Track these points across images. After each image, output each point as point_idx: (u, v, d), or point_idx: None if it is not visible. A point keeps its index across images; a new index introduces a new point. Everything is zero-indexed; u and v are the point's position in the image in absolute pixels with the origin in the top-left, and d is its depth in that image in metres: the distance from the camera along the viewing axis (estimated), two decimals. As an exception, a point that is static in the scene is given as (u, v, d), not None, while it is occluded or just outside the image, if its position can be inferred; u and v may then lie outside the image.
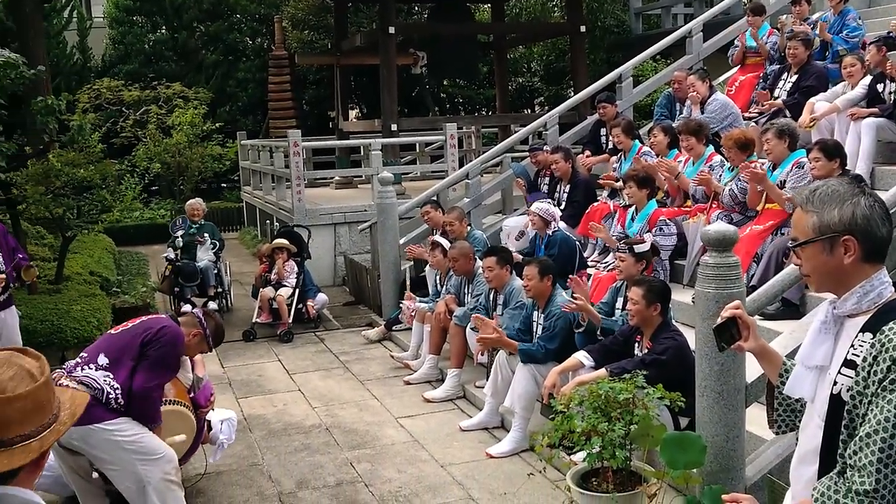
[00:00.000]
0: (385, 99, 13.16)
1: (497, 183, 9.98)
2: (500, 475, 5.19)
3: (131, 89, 18.33)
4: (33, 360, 1.73)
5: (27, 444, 1.66)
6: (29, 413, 1.66)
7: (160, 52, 22.23)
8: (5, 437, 1.63)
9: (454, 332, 6.74)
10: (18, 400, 1.64)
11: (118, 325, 4.58)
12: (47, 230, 11.00)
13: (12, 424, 1.64)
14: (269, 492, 5.13)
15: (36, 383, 1.68)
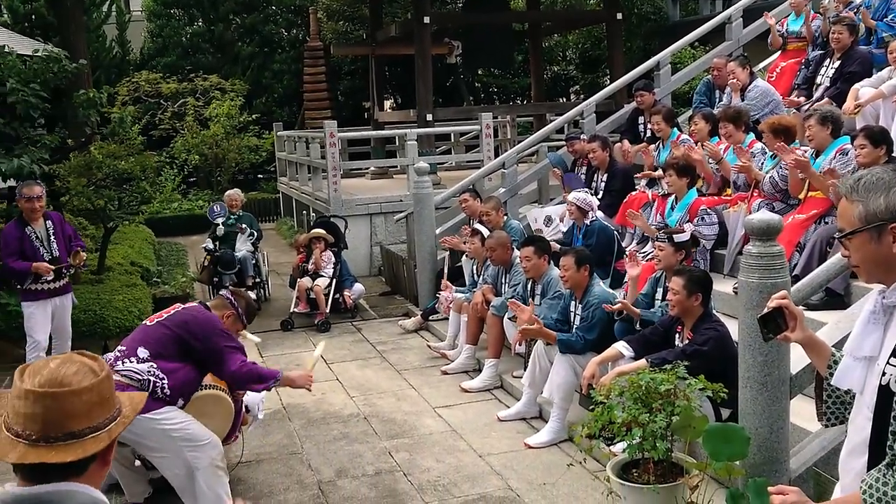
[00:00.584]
0: (420, 89, 13.14)
1: (533, 172, 9.93)
2: (538, 465, 5.18)
3: (169, 82, 18.57)
4: (91, 360, 1.78)
5: (96, 435, 1.70)
6: (95, 406, 1.71)
7: (197, 45, 22.44)
8: (76, 428, 1.67)
9: (491, 322, 6.73)
10: (84, 392, 1.69)
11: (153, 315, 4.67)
12: (89, 221, 11.16)
13: (80, 416, 1.68)
14: (309, 480, 5.17)
15: (98, 377, 1.73)
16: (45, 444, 1.65)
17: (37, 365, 1.73)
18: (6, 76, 7.64)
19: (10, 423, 1.68)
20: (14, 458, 1.64)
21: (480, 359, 6.99)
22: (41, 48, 8.30)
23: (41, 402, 1.65)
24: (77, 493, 1.68)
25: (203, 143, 17.71)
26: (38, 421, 1.65)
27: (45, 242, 6.72)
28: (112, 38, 22.40)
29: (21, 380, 1.69)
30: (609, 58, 15.27)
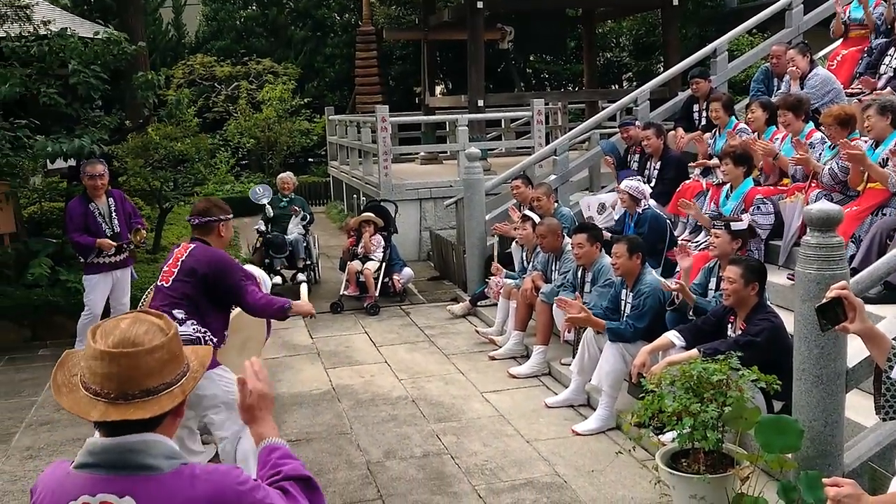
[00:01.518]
0: (472, 74, 13.11)
1: (585, 160, 9.86)
2: (586, 453, 5.17)
3: (223, 65, 18.79)
4: (158, 318, 1.85)
5: (170, 391, 1.79)
6: (167, 363, 1.79)
7: (251, 29, 22.66)
8: (150, 385, 1.76)
9: (540, 308, 6.72)
10: (156, 350, 1.76)
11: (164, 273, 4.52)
12: (145, 202, 11.38)
13: (154, 374, 1.76)
14: (358, 460, 5.23)
15: (168, 335, 1.80)
16: (123, 401, 1.73)
17: (108, 325, 1.80)
18: (68, 58, 7.83)
19: (88, 382, 1.76)
20: (97, 416, 1.73)
21: (528, 345, 7.00)
22: (101, 31, 8.47)
23: (116, 361, 1.73)
24: (157, 442, 1.77)
25: (255, 127, 17.92)
26: (115, 380, 1.73)
27: (107, 218, 7.02)
28: (168, 21, 22.77)
29: (94, 341, 1.76)
30: (664, 44, 15.05)
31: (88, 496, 1.72)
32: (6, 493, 4.95)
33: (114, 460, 1.74)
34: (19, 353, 7.80)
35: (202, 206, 4.66)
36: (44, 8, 13.87)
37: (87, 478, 1.74)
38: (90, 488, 1.72)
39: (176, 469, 1.76)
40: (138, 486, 1.72)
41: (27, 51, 7.84)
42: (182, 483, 1.74)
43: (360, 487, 4.86)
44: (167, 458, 1.76)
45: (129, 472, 1.73)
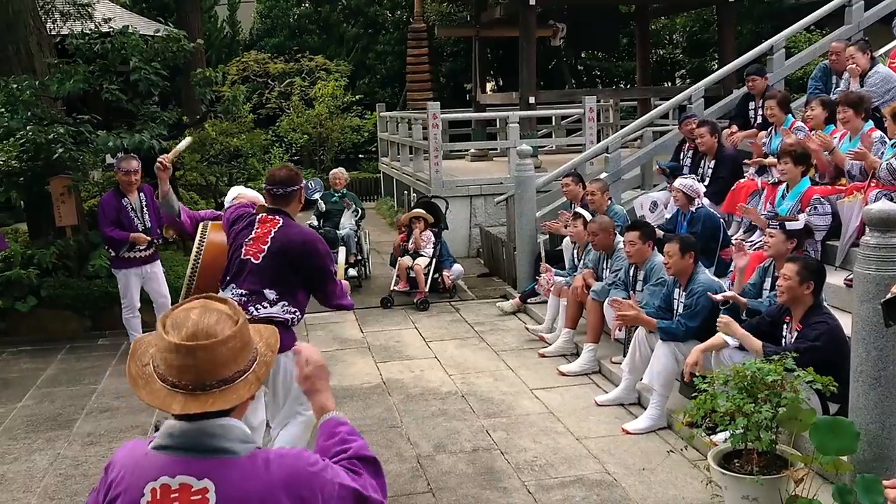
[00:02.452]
0: (523, 71, 13.08)
1: (637, 158, 9.79)
2: (636, 451, 5.16)
3: (276, 62, 19.03)
4: (224, 304, 1.87)
5: (245, 378, 1.81)
6: (239, 351, 1.81)
7: (304, 26, 22.90)
8: (226, 375, 1.78)
9: (591, 306, 6.70)
10: (229, 340, 1.78)
11: (250, 246, 4.21)
12: (200, 196, 11.61)
13: (229, 363, 1.79)
14: (408, 454, 5.29)
15: (238, 324, 1.82)
16: (201, 391, 1.76)
17: (178, 316, 1.81)
18: (130, 55, 8.02)
19: (164, 374, 1.79)
20: (178, 409, 1.76)
21: (579, 343, 6.99)
22: (161, 28, 8.65)
23: (192, 354, 1.75)
24: (234, 427, 1.81)
25: (308, 123, 18.12)
26: (192, 372, 1.76)
27: (139, 213, 7.15)
28: (223, 18, 23.11)
29: (166, 332, 1.78)
30: (719, 41, 14.84)
31: (168, 477, 1.75)
32: (69, 478, 5.11)
33: (192, 443, 1.78)
34: (80, 342, 8.03)
35: (284, 174, 4.29)
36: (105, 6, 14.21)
37: (165, 459, 1.78)
38: (169, 469, 1.76)
39: (251, 453, 1.80)
40: (216, 470, 1.76)
41: (91, 48, 8.04)
42: (257, 467, 1.78)
43: (411, 480, 4.92)
44: (242, 441, 1.81)
45: (207, 454, 1.77)
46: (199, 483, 1.74)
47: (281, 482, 1.78)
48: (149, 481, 1.76)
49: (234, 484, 1.75)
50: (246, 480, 1.76)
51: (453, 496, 4.70)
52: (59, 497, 4.85)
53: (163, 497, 1.75)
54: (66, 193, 8.24)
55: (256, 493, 1.75)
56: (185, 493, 1.74)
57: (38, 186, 8.38)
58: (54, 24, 10.06)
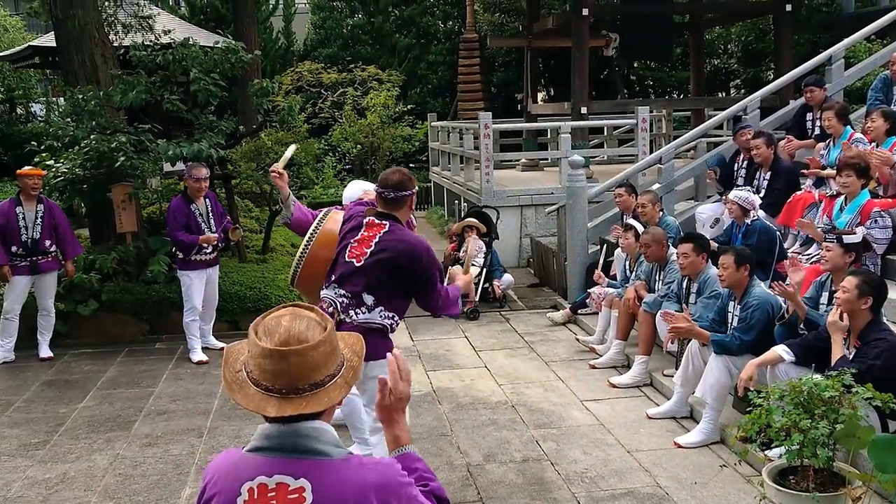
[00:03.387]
0: (575, 81, 13.07)
1: (690, 169, 9.69)
2: (688, 465, 5.11)
3: (329, 72, 19.28)
4: (312, 312, 1.94)
5: (335, 382, 1.89)
6: (328, 355, 1.89)
7: (357, 36, 23.18)
8: (318, 379, 1.86)
9: (643, 318, 6.66)
10: (320, 345, 1.86)
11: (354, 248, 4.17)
12: (254, 204, 11.80)
13: (321, 367, 1.87)
14: (458, 462, 5.31)
15: (326, 329, 1.90)
16: (295, 395, 1.84)
17: (269, 324, 1.89)
18: (190, 66, 8.21)
19: (259, 379, 1.86)
20: (273, 412, 1.83)
21: (630, 355, 6.95)
22: (221, 40, 8.85)
23: (286, 359, 1.83)
24: (326, 430, 1.89)
25: (360, 132, 18.30)
26: (285, 376, 1.83)
27: (205, 218, 7.60)
28: (278, 29, 23.51)
29: (259, 339, 1.86)
30: (775, 51, 14.67)
31: (265, 476, 1.82)
32: (127, 478, 5.24)
33: (288, 444, 1.85)
34: (138, 345, 8.22)
35: (396, 178, 4.17)
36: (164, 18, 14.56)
37: (262, 460, 1.85)
38: (266, 469, 1.83)
39: (345, 457, 1.87)
40: (312, 470, 1.83)
41: (153, 59, 8.25)
42: (351, 470, 1.85)
43: (461, 489, 4.94)
44: (335, 445, 1.88)
45: (303, 455, 1.84)
46: (296, 482, 1.81)
47: (373, 485, 1.83)
48: (245, 481, 1.83)
49: (330, 484, 1.82)
50: (341, 481, 1.83)
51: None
52: (119, 496, 4.98)
53: (260, 496, 1.82)
54: (126, 201, 8.45)
55: (350, 494, 1.82)
56: (283, 492, 1.81)
57: (100, 194, 8.61)
58: (116, 36, 10.34)
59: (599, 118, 14.27)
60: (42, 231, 7.70)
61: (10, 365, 7.65)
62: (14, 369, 7.55)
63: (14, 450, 5.72)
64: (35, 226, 7.68)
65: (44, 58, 15.49)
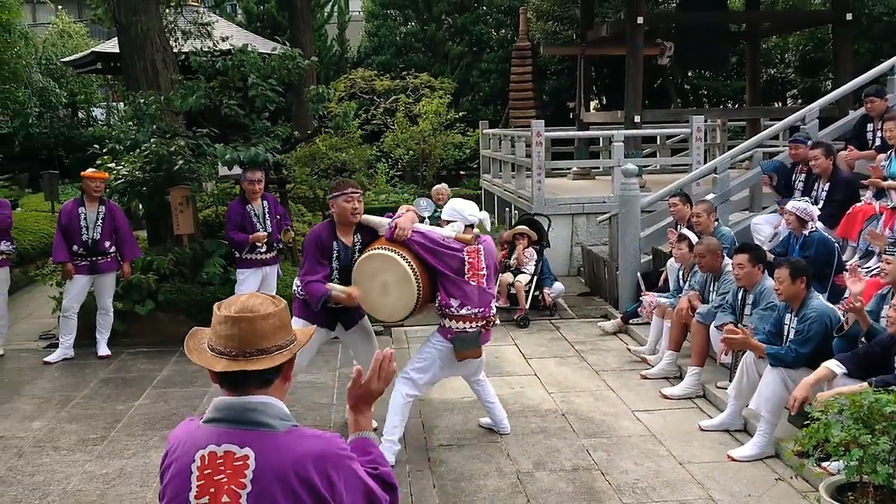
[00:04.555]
0: (629, 90, 12.99)
1: (746, 179, 9.56)
2: (742, 479, 5.04)
3: (382, 79, 19.42)
4: (269, 297, 2.19)
5: (280, 352, 2.10)
6: (278, 329, 2.11)
7: (410, 44, 23.33)
8: (265, 346, 2.08)
9: (696, 329, 6.59)
10: (270, 317, 2.09)
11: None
12: (307, 208, 11.94)
13: (269, 336, 2.08)
14: (508, 469, 5.30)
15: (279, 307, 2.14)
16: (242, 357, 2.06)
17: (230, 299, 2.16)
18: (248, 72, 8.35)
19: (213, 343, 2.10)
20: (220, 368, 2.05)
21: (682, 366, 6.87)
22: (278, 47, 8.99)
23: (237, 324, 2.06)
24: (272, 404, 2.08)
25: (411, 139, 18.42)
26: (236, 339, 2.06)
27: (261, 219, 7.88)
28: (332, 37, 23.78)
29: (219, 309, 2.11)
30: (834, 61, 14.41)
31: (214, 445, 2.02)
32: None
33: (236, 416, 2.05)
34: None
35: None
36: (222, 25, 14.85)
37: (213, 430, 2.05)
38: (216, 439, 2.03)
39: (288, 429, 2.05)
40: (257, 440, 2.01)
41: (212, 65, 8.42)
42: (292, 441, 2.03)
43: (510, 496, 4.93)
44: (280, 419, 2.06)
45: (249, 427, 2.03)
46: (241, 451, 2.00)
47: (311, 456, 2.01)
48: (199, 449, 2.03)
49: (271, 453, 2.00)
50: (281, 451, 2.01)
51: (553, 514, 4.69)
52: (174, 493, 5.06)
53: (210, 462, 2.01)
54: (184, 203, 8.62)
55: (289, 463, 1.99)
56: (229, 459, 2.00)
57: (158, 196, 8.80)
58: (176, 43, 10.57)
59: (653, 127, 14.16)
60: (102, 232, 7.90)
61: (70, 362, 7.86)
62: (73, 366, 7.75)
63: (73, 444, 5.87)
64: (96, 226, 7.88)
65: (106, 63, 15.91)
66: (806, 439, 4.10)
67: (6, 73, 13.03)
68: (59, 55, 20.58)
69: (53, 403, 6.75)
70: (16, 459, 5.62)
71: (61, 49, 21.52)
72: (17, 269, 11.23)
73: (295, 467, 1.99)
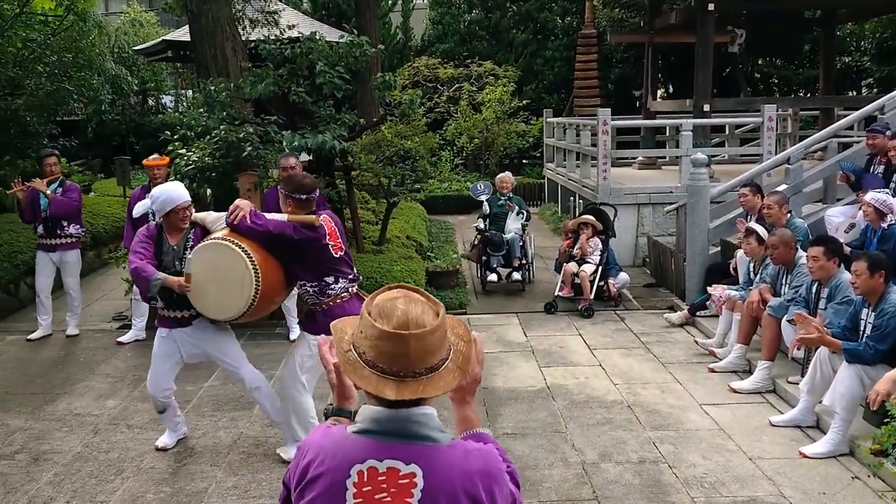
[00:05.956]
0: (698, 78, 12.73)
1: (820, 170, 9.30)
2: (814, 476, 4.91)
3: (446, 67, 19.40)
4: (421, 295, 1.93)
5: (446, 366, 1.88)
6: (442, 340, 1.88)
7: (474, 32, 23.23)
8: (433, 363, 1.85)
9: (767, 322, 6.44)
10: (437, 330, 1.85)
11: None
12: (371, 196, 12.01)
13: (436, 352, 1.85)
14: (573, 460, 5.27)
15: (439, 315, 1.87)
16: (412, 378, 1.83)
17: (385, 306, 1.86)
18: (316, 59, 8.41)
19: (374, 360, 1.84)
20: (392, 395, 1.81)
21: (751, 360, 6.73)
22: (346, 35, 9.03)
23: (405, 342, 1.81)
24: (433, 416, 1.89)
25: (474, 127, 18.37)
26: (404, 359, 1.81)
27: None
28: (396, 25, 23.82)
29: (374, 320, 1.83)
30: (914, 48, 13.88)
31: (375, 460, 1.81)
32: (251, 455, 5.43)
33: (398, 429, 1.84)
34: (260, 329, 8.47)
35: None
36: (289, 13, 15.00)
37: (371, 443, 1.84)
38: (376, 453, 1.82)
39: (451, 443, 1.87)
40: (422, 456, 1.82)
41: (281, 53, 8.50)
42: (458, 456, 1.85)
43: (576, 486, 4.90)
44: (441, 431, 1.87)
45: (413, 441, 1.84)
46: (407, 468, 1.80)
47: (478, 472, 1.83)
48: (355, 463, 1.82)
49: (439, 470, 1.81)
50: (449, 468, 1.82)
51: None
52: (242, 473, 5.17)
53: (370, 479, 1.81)
54: (251, 189, 8.72)
55: (458, 480, 1.81)
56: (393, 476, 1.80)
57: (227, 182, 8.92)
58: (244, 31, 10.71)
59: (722, 116, 13.87)
60: None
61: (142, 343, 8.05)
62: (145, 347, 7.92)
63: (145, 423, 6.02)
64: None
65: (176, 51, 16.22)
66: (885, 437, 3.99)
67: (82, 61, 13.35)
68: (131, 44, 21.05)
69: (126, 383, 6.93)
70: (91, 436, 5.79)
71: (133, 38, 22.00)
72: (91, 251, 11.57)
73: (464, 484, 1.81)
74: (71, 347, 8.05)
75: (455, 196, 17.28)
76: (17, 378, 7.11)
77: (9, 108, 12.47)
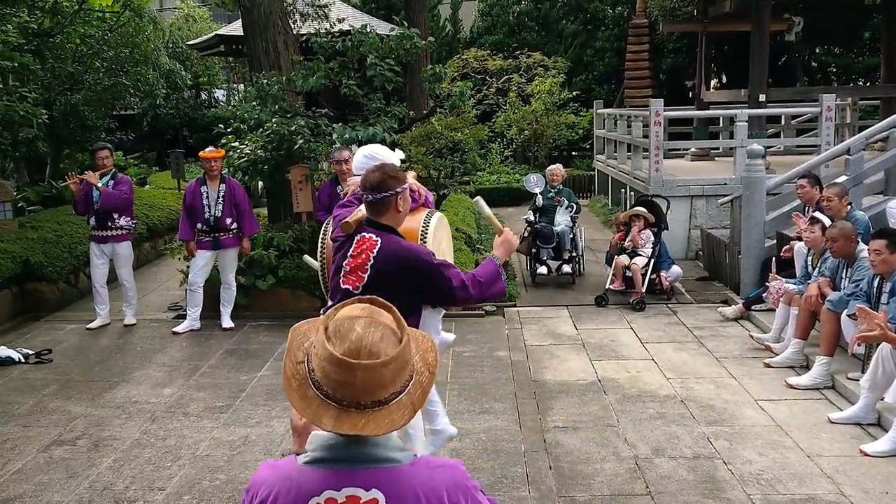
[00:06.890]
0: (754, 68, 12.49)
1: (881, 161, 9.05)
2: (876, 475, 4.79)
3: (495, 59, 19.34)
4: (390, 315, 1.76)
5: (398, 400, 1.72)
6: (398, 371, 1.71)
7: (523, 23, 23.11)
8: (383, 396, 1.69)
9: (827, 317, 6.29)
10: (392, 362, 1.68)
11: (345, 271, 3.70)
12: (420, 187, 12.02)
13: (387, 385, 1.69)
14: (625, 454, 5.21)
15: (401, 343, 1.71)
16: (355, 409, 1.68)
17: (342, 326, 1.71)
18: (367, 52, 8.44)
19: (320, 382, 1.70)
20: (329, 426, 1.68)
21: (809, 355, 6.59)
22: (396, 28, 9.05)
23: (352, 371, 1.66)
24: (391, 435, 1.75)
25: (524, 119, 18.28)
26: (349, 388, 1.67)
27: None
28: (445, 17, 23.81)
29: (327, 339, 1.68)
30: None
31: (333, 491, 1.68)
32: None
33: (354, 454, 1.72)
34: (310, 320, 8.58)
35: (376, 177, 3.58)
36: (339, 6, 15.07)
37: (325, 473, 1.71)
38: (333, 483, 1.69)
39: (412, 461, 1.75)
40: (383, 480, 1.70)
41: (332, 46, 8.55)
42: (423, 474, 1.73)
43: (628, 481, 4.85)
44: (400, 450, 1.76)
45: (371, 464, 1.71)
46: (368, 494, 1.68)
47: (444, 487, 1.73)
48: (311, 496, 1.68)
49: (402, 491, 1.70)
50: (412, 487, 1.71)
51: (674, 501, 4.58)
52: (295, 463, 5.21)
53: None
54: (303, 181, 8.82)
55: (424, 498, 1.70)
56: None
57: (279, 174, 9.02)
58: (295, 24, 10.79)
59: (778, 106, 13.59)
60: (224, 209, 8.16)
61: (197, 333, 8.19)
62: (200, 337, 8.08)
63: (201, 411, 6.12)
64: (217, 204, 8.15)
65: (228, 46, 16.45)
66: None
67: (137, 56, 13.62)
68: (185, 39, 21.39)
69: (182, 372, 7.06)
70: (149, 423, 5.90)
71: (186, 33, 22.36)
72: (147, 243, 11.80)
73: (430, 501, 1.70)
74: (128, 337, 8.22)
75: (504, 188, 17.21)
76: (77, 366, 7.28)
77: (68, 102, 12.78)
